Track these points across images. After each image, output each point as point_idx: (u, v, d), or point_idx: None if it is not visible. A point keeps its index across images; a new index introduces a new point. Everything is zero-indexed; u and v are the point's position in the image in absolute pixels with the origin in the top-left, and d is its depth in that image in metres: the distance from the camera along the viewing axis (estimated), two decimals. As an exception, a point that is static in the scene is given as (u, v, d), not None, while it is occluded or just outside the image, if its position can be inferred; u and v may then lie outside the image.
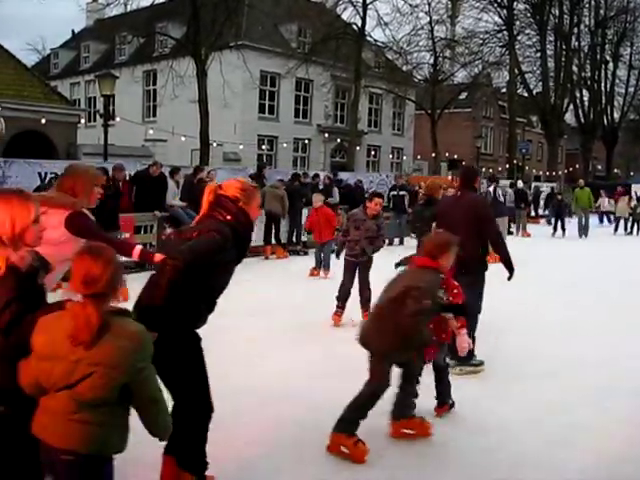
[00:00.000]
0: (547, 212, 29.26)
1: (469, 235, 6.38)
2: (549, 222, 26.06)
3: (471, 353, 6.65)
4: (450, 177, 30.83)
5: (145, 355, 2.92)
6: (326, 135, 39.61)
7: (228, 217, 4.20)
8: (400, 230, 19.71)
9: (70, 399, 2.84)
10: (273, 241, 16.15)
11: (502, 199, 17.28)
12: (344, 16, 33.41)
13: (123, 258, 4.16)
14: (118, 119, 27.12)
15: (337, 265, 9.95)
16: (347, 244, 9.20)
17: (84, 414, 2.86)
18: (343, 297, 9.18)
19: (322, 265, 13.20)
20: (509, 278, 6.95)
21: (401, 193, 19.99)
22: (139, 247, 4.57)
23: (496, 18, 39.59)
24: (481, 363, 7.09)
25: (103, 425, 2.91)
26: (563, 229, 23.65)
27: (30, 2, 27.37)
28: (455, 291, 5.37)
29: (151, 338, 2.98)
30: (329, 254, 12.52)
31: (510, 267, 6.92)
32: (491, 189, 17.24)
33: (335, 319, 9.12)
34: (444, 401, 5.78)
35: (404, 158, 45.31)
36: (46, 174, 12.86)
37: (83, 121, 32.48)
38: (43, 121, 24.63)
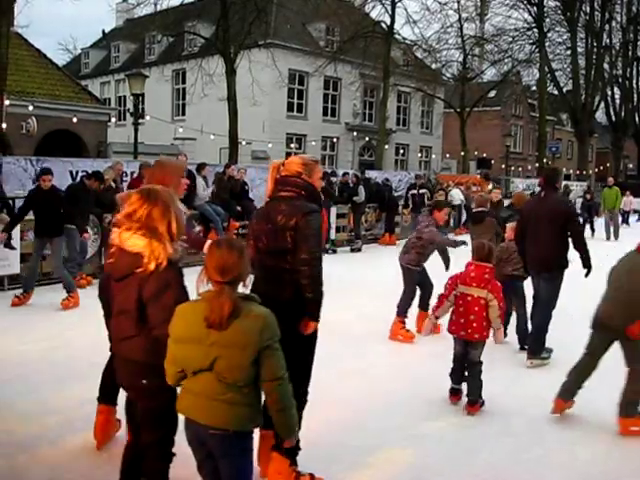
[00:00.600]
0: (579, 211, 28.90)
1: (553, 234, 7.13)
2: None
3: (542, 345, 7.28)
4: (478, 176, 30.61)
5: (271, 334, 3.20)
6: (354, 133, 39.55)
7: (303, 192, 4.39)
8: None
9: (215, 381, 3.18)
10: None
11: None
12: (373, 14, 33.36)
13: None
14: (148, 117, 27.28)
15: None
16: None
17: (230, 395, 3.20)
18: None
19: None
20: (586, 275, 7.24)
21: (421, 192, 19.82)
22: (209, 242, 4.73)
23: (526, 15, 39.26)
24: (550, 352, 7.42)
25: (248, 405, 3.26)
26: (592, 229, 23.06)
27: (62, 2, 27.69)
28: (502, 296, 5.95)
29: (275, 320, 3.26)
30: None
31: (589, 265, 7.24)
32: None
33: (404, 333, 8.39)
34: (476, 400, 5.84)
35: (433, 157, 45.12)
36: (77, 172, 12.99)
37: (113, 120, 32.82)
38: (75, 120, 24.87)
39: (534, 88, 43.83)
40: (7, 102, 17.07)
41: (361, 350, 7.75)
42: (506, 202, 12.61)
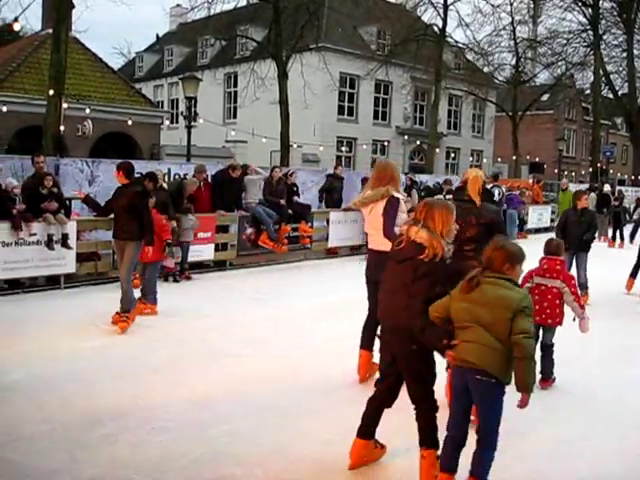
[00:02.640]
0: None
1: None
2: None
3: None
4: (531, 180, 30.23)
5: (527, 303, 4.09)
6: (405, 137, 39.40)
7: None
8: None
9: (483, 332, 4.06)
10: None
11: (497, 198, 18.13)
12: (424, 17, 33.27)
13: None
14: (201, 120, 27.63)
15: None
16: None
17: (498, 345, 4.03)
18: None
19: None
20: None
21: (448, 197, 18.30)
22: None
23: (580, 17, 38.61)
24: None
25: (506, 359, 4.05)
26: (621, 237, 21.46)
27: (119, 8, 28.21)
28: (573, 282, 6.61)
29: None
30: None
31: None
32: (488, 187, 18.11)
33: None
34: (548, 376, 6.58)
35: (484, 160, 44.67)
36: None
37: (166, 122, 33.31)
38: (130, 122, 25.32)
39: (588, 91, 43.12)
40: (65, 105, 17.43)
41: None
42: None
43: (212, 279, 12.57)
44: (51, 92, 16.23)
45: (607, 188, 25.86)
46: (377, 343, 5.20)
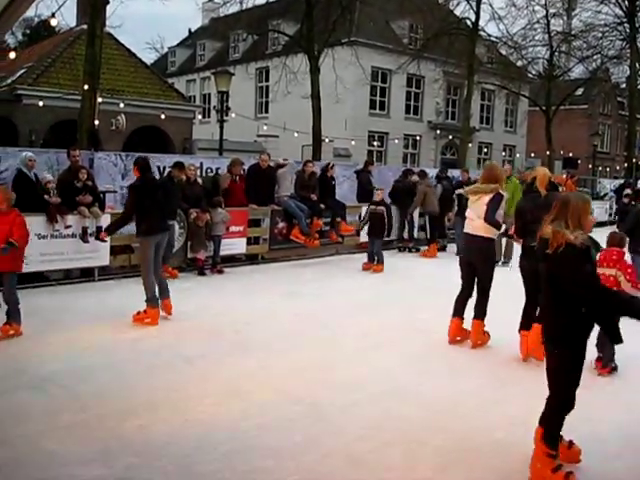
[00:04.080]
0: None
1: None
2: None
3: None
4: (564, 176, 29.91)
5: None
6: (437, 132, 39.18)
7: None
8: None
9: None
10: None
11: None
12: (457, 11, 32.85)
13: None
14: (233, 115, 27.73)
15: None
16: None
17: None
18: None
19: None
20: None
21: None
22: None
23: (617, 10, 37.83)
24: None
25: None
26: None
27: (152, 3, 28.53)
28: (629, 270, 6.80)
29: None
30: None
31: None
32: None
33: None
34: (608, 364, 6.89)
35: (517, 155, 44.28)
36: (164, 168, 13.26)
37: (198, 117, 33.49)
38: (163, 117, 25.51)
39: (624, 85, 42.37)
40: (99, 100, 17.58)
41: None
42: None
43: (244, 273, 12.63)
44: (86, 87, 16.37)
45: None
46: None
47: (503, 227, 7.67)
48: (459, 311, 7.85)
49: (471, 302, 7.92)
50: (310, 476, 4.46)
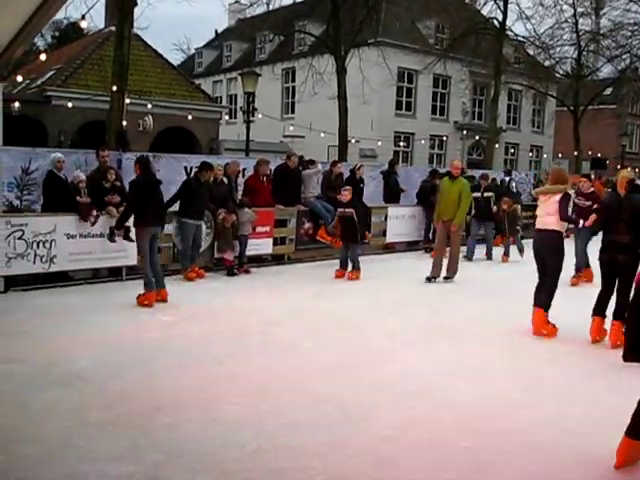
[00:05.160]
0: None
1: None
2: None
3: None
4: (592, 176, 29.60)
5: None
6: (463, 132, 38.95)
7: None
8: (487, 242, 15.76)
9: None
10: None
11: (515, 190, 19.20)
12: (484, 11, 32.62)
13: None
14: (260, 116, 27.81)
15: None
16: None
17: None
18: None
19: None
20: None
21: (486, 195, 15.63)
22: None
23: (647, 8, 37.52)
24: None
25: None
26: None
27: (179, 4, 28.71)
28: None
29: None
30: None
31: None
32: (506, 179, 20.22)
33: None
34: None
35: (544, 156, 43.93)
36: (191, 168, 13.35)
37: (225, 117, 33.61)
38: (190, 117, 25.67)
39: (654, 85, 41.86)
40: (127, 101, 17.74)
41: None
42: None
43: (270, 273, 12.68)
44: (114, 88, 16.52)
45: None
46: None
47: (581, 222, 8.91)
48: (540, 301, 8.47)
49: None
50: (336, 476, 4.46)
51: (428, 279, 11.94)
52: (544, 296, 8.37)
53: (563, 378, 6.68)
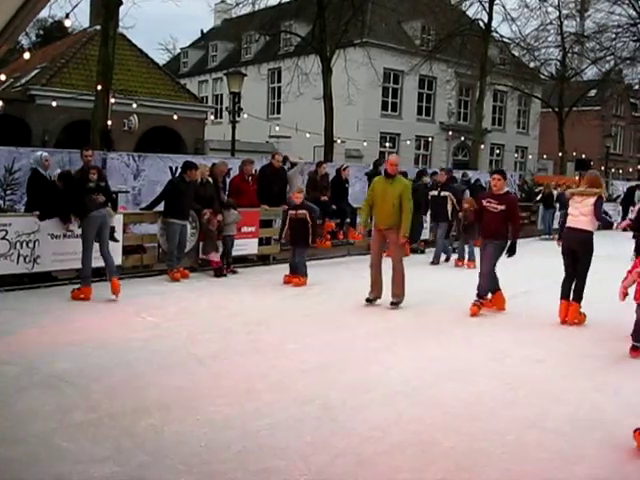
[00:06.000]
0: None
1: None
2: None
3: None
4: (577, 177, 29.82)
5: None
6: (449, 133, 39.12)
7: None
8: (436, 244, 15.24)
9: None
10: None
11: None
12: (469, 12, 32.84)
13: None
14: (245, 116, 27.77)
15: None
16: None
17: None
18: None
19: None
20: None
21: (443, 194, 14.87)
22: None
23: (630, 11, 37.51)
24: None
25: None
26: None
27: (165, 4, 28.59)
28: None
29: None
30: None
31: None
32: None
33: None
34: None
35: (529, 157, 44.17)
36: (176, 168, 13.34)
37: (211, 117, 33.55)
38: (175, 117, 25.60)
39: (637, 87, 42.22)
40: (112, 100, 17.68)
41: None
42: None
43: (256, 273, 12.65)
44: (99, 87, 16.48)
45: None
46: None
47: (615, 224, 10.56)
48: (566, 294, 9.19)
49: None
50: (320, 477, 4.46)
51: (368, 300, 9.93)
52: (578, 291, 9.10)
53: (548, 378, 6.70)
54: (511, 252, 9.45)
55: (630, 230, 12.77)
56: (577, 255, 9.08)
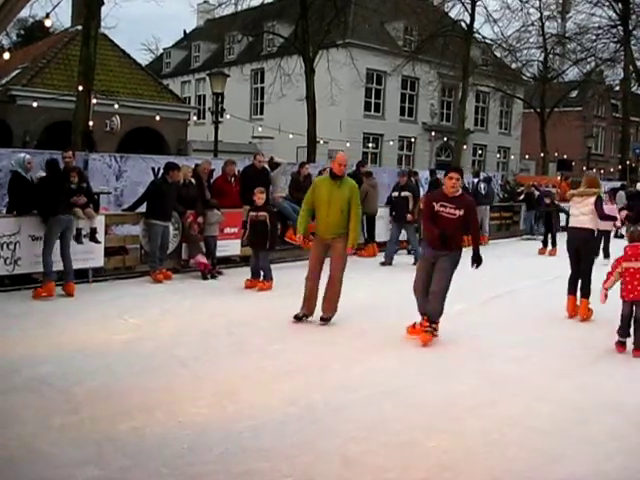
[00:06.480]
0: None
1: None
2: None
3: None
4: (559, 178, 29.99)
5: None
6: (432, 134, 39.24)
7: None
8: (411, 245, 15.17)
9: None
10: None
11: (483, 192, 19.50)
12: (452, 13, 32.93)
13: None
14: (228, 116, 27.71)
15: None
16: None
17: None
18: None
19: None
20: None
21: (403, 194, 14.72)
22: None
23: (610, 13, 37.93)
24: None
25: None
26: (553, 243, 17.83)
27: (148, 4, 28.55)
28: None
29: None
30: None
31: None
32: (475, 181, 20.16)
33: None
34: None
35: (511, 157, 44.41)
36: (159, 169, 13.28)
37: (193, 118, 33.44)
38: (158, 118, 25.49)
39: (618, 88, 42.48)
40: (94, 101, 17.58)
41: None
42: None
43: (238, 274, 12.58)
44: (80, 88, 16.36)
45: None
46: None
47: (618, 221, 11.41)
48: (572, 290, 9.61)
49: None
50: (304, 477, 4.45)
51: (297, 318, 8.81)
52: (585, 287, 9.46)
53: (530, 377, 6.73)
54: (478, 262, 7.96)
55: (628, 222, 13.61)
56: (580, 253, 9.51)
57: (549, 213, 18.08)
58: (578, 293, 9.58)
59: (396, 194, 14.99)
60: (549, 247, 17.69)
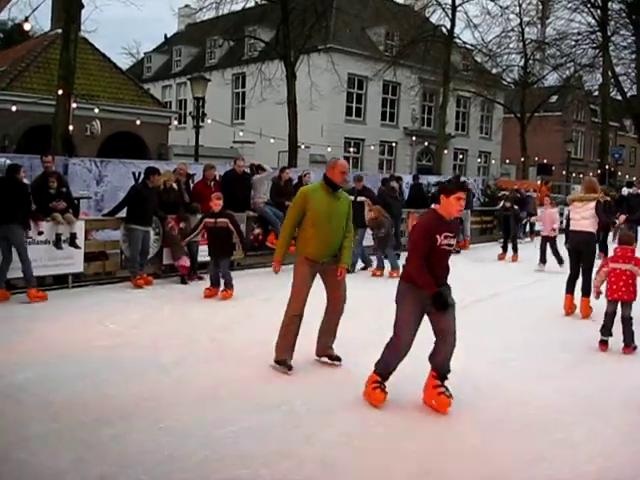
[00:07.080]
0: None
1: None
2: None
3: None
4: (539, 182, 30.18)
5: None
6: (413, 138, 39.38)
7: None
8: (361, 249, 14.14)
9: None
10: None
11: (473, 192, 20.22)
12: (433, 19, 33.15)
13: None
14: (209, 121, 27.67)
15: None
16: None
17: None
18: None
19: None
20: None
21: (359, 199, 13.70)
22: None
23: (589, 19, 38.32)
24: None
25: None
26: (514, 248, 17.45)
27: (128, 8, 28.53)
28: None
29: None
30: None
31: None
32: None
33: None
34: (629, 344, 7.98)
35: (492, 162, 44.64)
36: (139, 174, 13.23)
37: (174, 123, 33.34)
38: (138, 122, 25.39)
39: (597, 93, 42.87)
40: (74, 105, 17.48)
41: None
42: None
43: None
44: (60, 92, 16.27)
45: (625, 191, 25.19)
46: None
47: (617, 222, 12.58)
48: (570, 289, 10.18)
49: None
50: (285, 484, 4.44)
51: (290, 368, 6.86)
52: (585, 286, 9.83)
53: (511, 380, 6.76)
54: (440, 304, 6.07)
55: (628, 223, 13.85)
56: (582, 255, 9.97)
57: (507, 217, 17.51)
58: (577, 293, 10.03)
59: (352, 199, 14.42)
60: (510, 253, 17.06)
